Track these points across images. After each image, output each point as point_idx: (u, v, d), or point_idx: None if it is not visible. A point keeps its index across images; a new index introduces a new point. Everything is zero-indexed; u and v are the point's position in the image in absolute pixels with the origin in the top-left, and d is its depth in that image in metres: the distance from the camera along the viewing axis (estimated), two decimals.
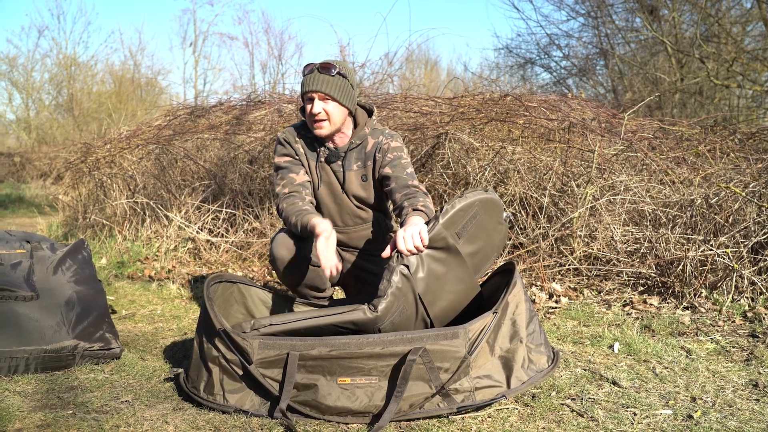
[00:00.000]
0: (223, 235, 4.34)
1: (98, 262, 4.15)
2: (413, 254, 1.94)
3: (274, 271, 3.16)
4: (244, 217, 4.35)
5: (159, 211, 4.59)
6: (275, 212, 3.93)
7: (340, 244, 2.46)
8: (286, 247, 2.29)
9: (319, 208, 2.43)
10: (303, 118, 2.40)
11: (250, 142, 4.77)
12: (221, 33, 29.33)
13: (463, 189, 3.93)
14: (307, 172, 2.39)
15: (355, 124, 2.41)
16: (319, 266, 2.33)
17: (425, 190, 2.28)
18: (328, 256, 2.03)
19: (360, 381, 1.78)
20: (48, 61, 16.24)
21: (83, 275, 2.43)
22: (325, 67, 2.26)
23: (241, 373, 1.85)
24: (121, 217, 4.89)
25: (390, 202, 2.38)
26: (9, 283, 2.22)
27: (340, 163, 2.38)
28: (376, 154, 2.37)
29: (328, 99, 2.27)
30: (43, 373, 2.14)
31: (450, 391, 1.79)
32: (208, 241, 4.26)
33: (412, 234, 1.92)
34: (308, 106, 2.29)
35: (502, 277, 2.20)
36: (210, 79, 25.93)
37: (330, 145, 2.38)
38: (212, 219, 4.44)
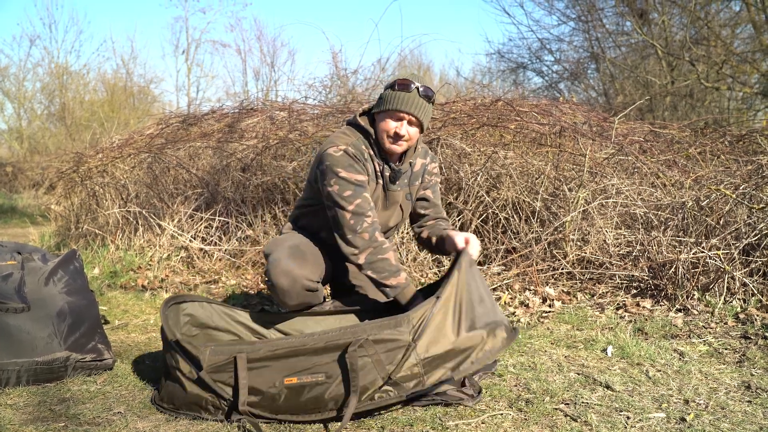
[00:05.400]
0: (216, 243, 4.33)
1: (91, 272, 4.13)
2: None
3: (270, 292, 2.95)
4: (237, 225, 4.34)
5: (152, 220, 4.58)
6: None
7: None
8: (286, 276, 2.16)
9: None
10: (350, 124, 2.30)
11: (243, 150, 4.77)
12: (214, 40, 29.08)
13: (455, 195, 3.95)
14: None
15: None
16: (317, 290, 2.27)
17: (446, 216, 2.50)
18: None
19: (306, 380, 1.78)
20: (40, 70, 16.13)
21: (75, 286, 2.42)
22: (428, 95, 2.18)
23: (195, 379, 1.87)
24: (113, 227, 4.87)
25: (418, 216, 2.48)
26: (0, 294, 2.21)
27: (404, 181, 2.34)
28: (425, 175, 2.40)
29: (415, 124, 2.21)
30: (35, 385, 2.13)
31: (399, 380, 1.78)
32: (201, 249, 4.25)
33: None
34: (393, 124, 2.18)
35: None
36: (203, 86, 25.91)
37: (393, 164, 2.29)
38: (205, 227, 4.43)
